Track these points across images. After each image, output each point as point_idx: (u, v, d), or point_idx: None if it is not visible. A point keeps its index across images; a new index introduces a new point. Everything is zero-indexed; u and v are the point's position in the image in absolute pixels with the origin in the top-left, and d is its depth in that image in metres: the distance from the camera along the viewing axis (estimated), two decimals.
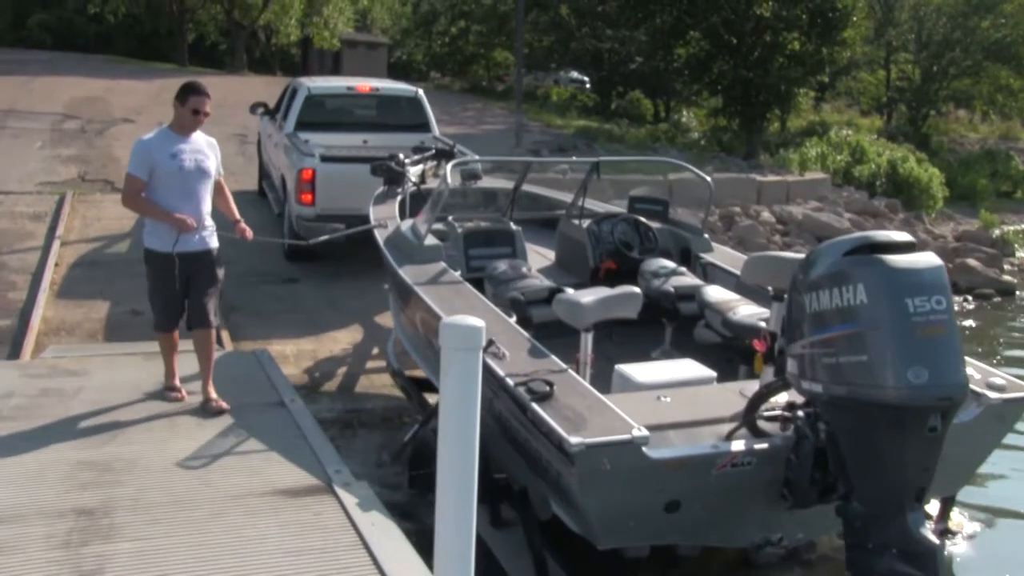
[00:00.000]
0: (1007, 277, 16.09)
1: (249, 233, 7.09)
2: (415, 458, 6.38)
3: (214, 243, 6.80)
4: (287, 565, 4.57)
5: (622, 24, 28.70)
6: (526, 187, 9.70)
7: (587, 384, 4.88)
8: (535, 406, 4.62)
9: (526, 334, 5.51)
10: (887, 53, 36.57)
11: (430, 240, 7.24)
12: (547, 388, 4.72)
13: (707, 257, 7.84)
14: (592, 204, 9.07)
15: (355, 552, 4.68)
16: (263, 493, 5.32)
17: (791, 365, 4.29)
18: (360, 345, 9.52)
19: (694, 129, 27.96)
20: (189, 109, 6.59)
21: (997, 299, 15.07)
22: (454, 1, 36.12)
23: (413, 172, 9.20)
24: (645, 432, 4.32)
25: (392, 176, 9.03)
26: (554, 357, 5.15)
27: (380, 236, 7.90)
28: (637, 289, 5.67)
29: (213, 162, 6.80)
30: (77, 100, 22.04)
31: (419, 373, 7.47)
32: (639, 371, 5.40)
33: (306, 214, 11.09)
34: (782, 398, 4.75)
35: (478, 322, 3.61)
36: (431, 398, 7.09)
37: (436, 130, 13.10)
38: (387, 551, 4.63)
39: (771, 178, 18.92)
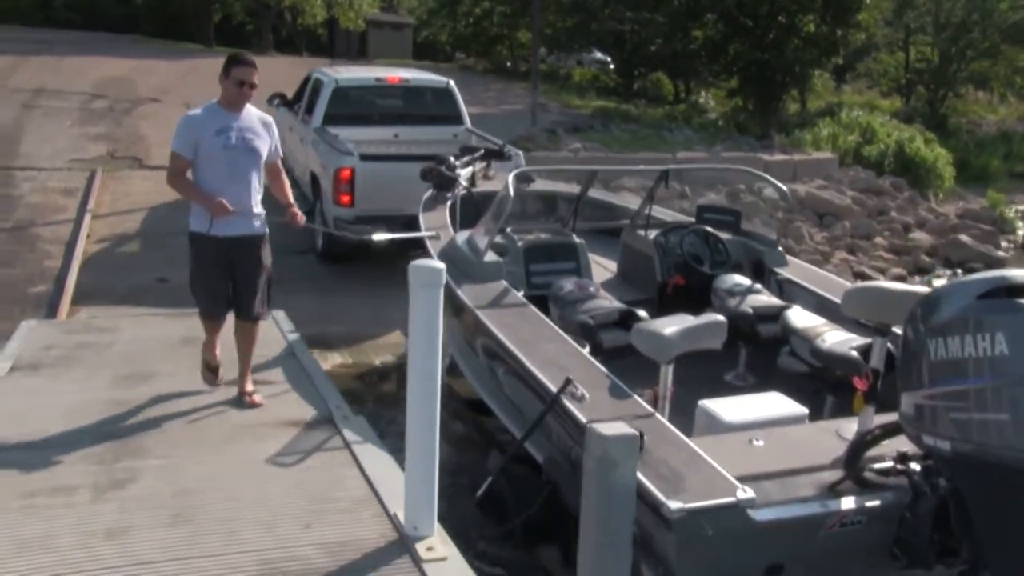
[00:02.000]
0: (1000, 253, 16.60)
1: (301, 218, 6.64)
2: (498, 512, 5.46)
3: (261, 228, 6.32)
4: (289, 477, 5.28)
5: (642, 6, 29.09)
6: (573, 189, 9.23)
7: (678, 432, 4.40)
8: None
9: (603, 369, 5.03)
10: (906, 35, 36.70)
11: (490, 256, 6.69)
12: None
13: (783, 272, 7.28)
14: (658, 212, 8.55)
15: (346, 467, 5.41)
16: (271, 424, 5.99)
17: (907, 414, 3.77)
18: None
19: (712, 110, 28.31)
20: (234, 81, 6.10)
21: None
22: None
23: (463, 175, 8.72)
24: (751, 494, 3.94)
25: (443, 181, 8.50)
26: (639, 399, 4.72)
27: (433, 248, 7.34)
28: (722, 318, 5.14)
29: (266, 142, 6.29)
30: (105, 80, 22.46)
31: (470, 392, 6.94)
32: (725, 408, 4.92)
33: (345, 215, 10.52)
34: (888, 445, 4.27)
35: (439, 264, 4.40)
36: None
37: (468, 122, 12.81)
38: (377, 470, 5.33)
39: (778, 157, 19.26)
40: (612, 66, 36.34)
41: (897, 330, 4.21)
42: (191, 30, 37.33)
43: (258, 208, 6.28)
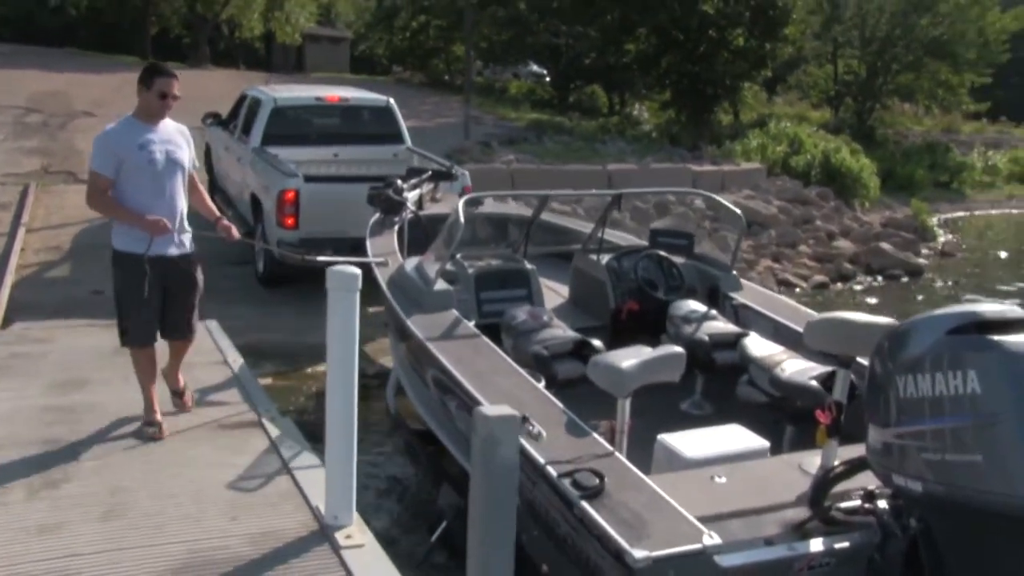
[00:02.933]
0: (921, 260, 17.30)
1: (235, 232, 6.40)
2: (455, 552, 5.41)
3: (192, 246, 6.16)
4: (218, 476, 5.51)
5: (576, 20, 29.55)
6: (522, 211, 9.03)
7: (638, 473, 4.24)
8: (584, 505, 3.99)
9: (560, 404, 4.87)
10: (834, 48, 37.48)
11: (440, 284, 6.50)
12: (596, 481, 4.06)
13: (738, 297, 7.20)
14: (610, 236, 8.35)
15: (273, 465, 5.71)
16: (203, 426, 6.22)
17: (875, 451, 3.66)
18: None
19: (646, 122, 28.78)
20: (155, 93, 5.82)
21: (905, 279, 16.21)
22: None
23: (410, 198, 8.56)
24: (717, 539, 3.82)
25: (390, 206, 8.33)
26: (597, 436, 4.56)
27: (381, 275, 7.17)
28: (680, 349, 4.95)
29: (187, 153, 6.07)
30: (39, 94, 22.38)
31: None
32: (685, 443, 4.78)
33: (289, 238, 10.21)
34: (854, 481, 4.16)
35: (355, 270, 4.66)
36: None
37: (408, 140, 12.69)
38: (301, 467, 5.65)
39: (707, 168, 19.74)
40: (548, 79, 36.75)
41: (862, 360, 4.21)
42: (128, 43, 36.88)
43: (187, 224, 6.09)
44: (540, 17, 31.74)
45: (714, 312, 6.80)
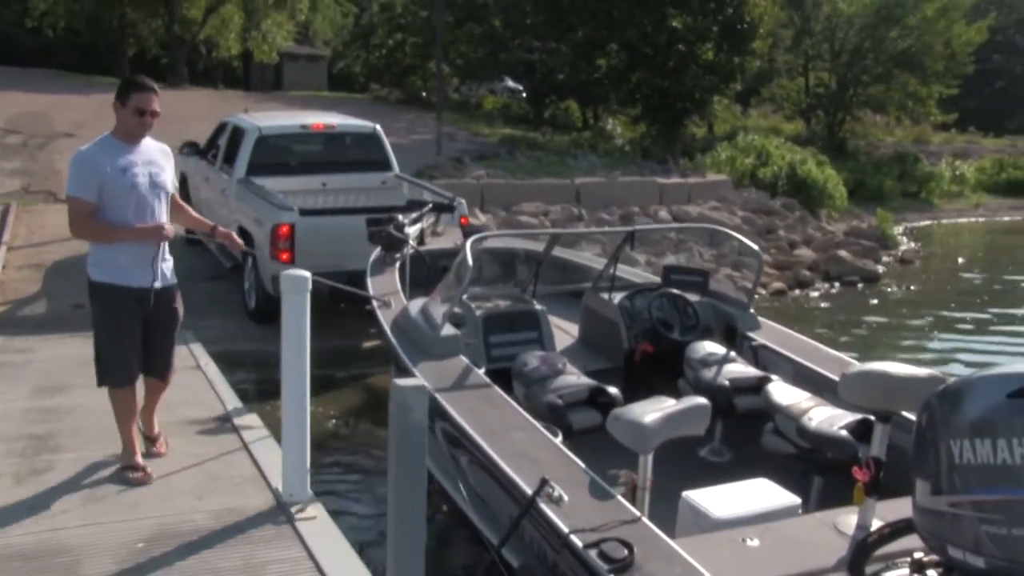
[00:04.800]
0: (879, 267, 17.93)
1: (239, 241, 6.25)
2: None
3: (174, 276, 5.85)
4: (188, 463, 6.03)
5: (548, 36, 30.11)
6: (530, 246, 8.83)
7: (668, 541, 3.95)
8: None
9: (580, 464, 4.58)
10: (805, 61, 38.31)
11: (447, 329, 6.19)
12: (625, 553, 3.79)
13: (756, 337, 6.88)
14: (621, 271, 8.06)
15: (238, 454, 6.24)
16: (176, 422, 6.67)
17: (926, 519, 3.34)
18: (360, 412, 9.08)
19: (619, 136, 29.32)
20: (133, 110, 5.38)
21: (860, 285, 16.82)
22: (391, 14, 37.16)
23: (411, 233, 8.28)
24: None
25: (392, 243, 8.04)
26: (621, 499, 4.27)
27: (384, 317, 6.87)
28: (705, 401, 4.73)
29: (170, 175, 5.69)
30: (18, 115, 22.57)
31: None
32: (711, 501, 4.48)
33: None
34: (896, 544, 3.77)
35: (305, 273, 5.15)
36: None
37: (396, 167, 12.50)
38: (263, 454, 6.16)
39: (674, 180, 20.24)
40: (524, 95, 37.30)
41: (908, 415, 4.09)
42: (106, 64, 37.27)
43: (168, 254, 5.77)
44: (514, 34, 32.27)
45: (733, 354, 6.55)
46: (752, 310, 7.21)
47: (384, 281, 7.66)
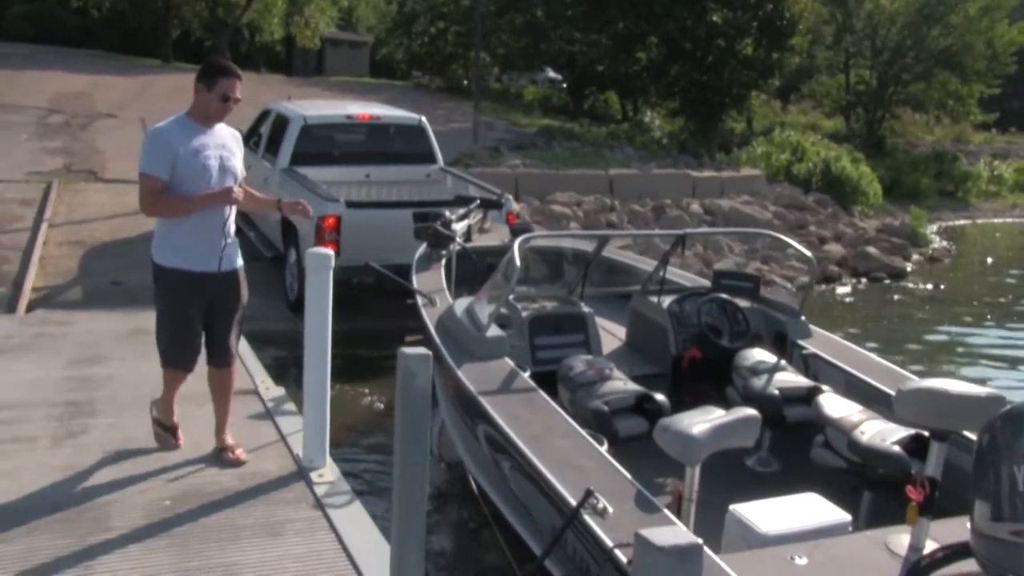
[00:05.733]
0: (908, 264, 18.04)
1: (308, 208, 6.02)
2: None
3: (240, 260, 5.73)
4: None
5: (589, 28, 30.25)
6: (579, 245, 8.73)
7: (720, 561, 3.81)
8: None
9: (624, 473, 4.45)
10: (846, 58, 38.31)
11: (493, 330, 6.05)
12: None
13: (807, 345, 6.68)
14: (668, 274, 7.82)
15: (264, 423, 6.58)
16: (205, 393, 6.84)
17: (985, 544, 3.20)
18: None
19: (658, 129, 29.44)
20: (218, 94, 5.38)
21: (887, 281, 16.95)
22: (433, 2, 37.38)
23: (458, 229, 8.12)
24: None
25: (439, 240, 7.86)
26: (668, 513, 4.15)
27: (428, 316, 6.70)
28: (755, 413, 4.62)
29: (239, 159, 5.64)
30: (61, 95, 22.88)
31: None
32: (759, 516, 4.34)
33: None
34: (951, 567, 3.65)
35: (328, 251, 5.47)
36: None
37: (441, 160, 12.45)
38: (286, 424, 6.49)
39: (707, 173, 20.34)
40: (564, 85, 37.41)
41: (969, 435, 4.00)
42: (149, 46, 37.63)
43: (234, 234, 5.70)
44: (555, 24, 32.41)
45: (784, 363, 6.37)
46: (803, 318, 6.96)
47: (429, 278, 7.54)
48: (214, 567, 4.61)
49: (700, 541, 2.92)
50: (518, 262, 5.97)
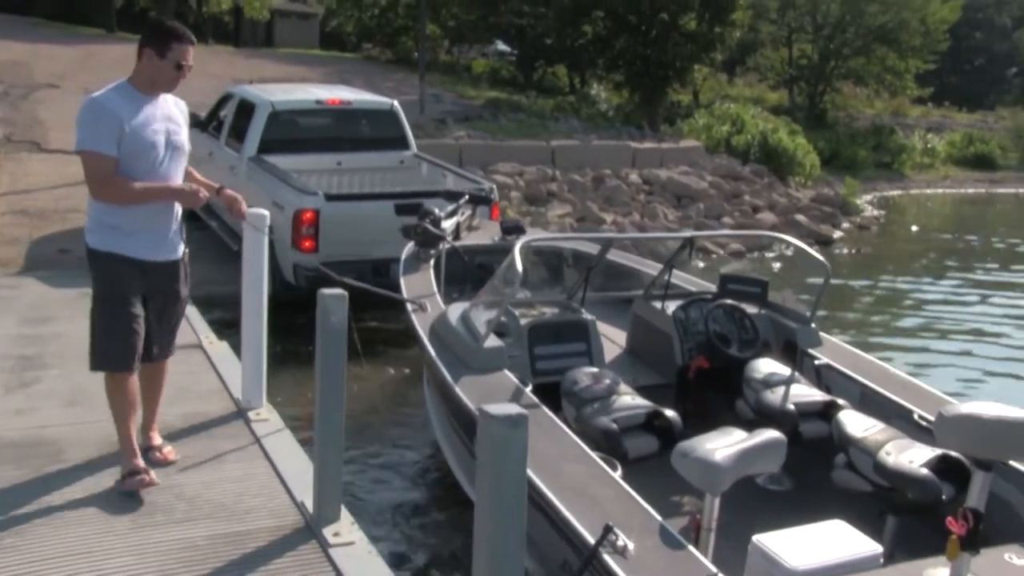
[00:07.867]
0: (836, 232, 18.89)
1: (244, 208, 5.38)
2: None
3: (184, 247, 5.17)
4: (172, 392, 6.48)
5: (537, 1, 30.68)
6: (580, 247, 8.41)
7: None
8: None
9: (643, 504, 4.13)
10: (788, 33, 39.04)
11: (491, 340, 5.63)
12: None
13: (819, 355, 6.33)
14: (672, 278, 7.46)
15: (207, 372, 7.08)
16: None
17: None
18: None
19: (604, 101, 29.91)
20: (172, 62, 4.75)
21: (815, 248, 17.44)
22: None
23: (447, 227, 7.83)
24: None
25: (428, 239, 7.58)
26: (693, 549, 3.84)
27: (420, 322, 6.30)
28: (781, 436, 4.35)
29: (186, 133, 5.04)
30: (0, 64, 22.31)
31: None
32: (785, 548, 3.90)
33: (306, 263, 9.14)
34: None
35: (264, 212, 6.05)
36: None
37: (414, 146, 11.98)
38: (228, 372, 6.98)
39: (646, 145, 20.89)
40: (514, 58, 37.72)
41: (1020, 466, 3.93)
42: (91, 14, 36.46)
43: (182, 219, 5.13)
44: None
45: (797, 375, 6.08)
46: (814, 325, 6.65)
47: (418, 280, 7.10)
48: (163, 489, 5.11)
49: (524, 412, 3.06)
50: (519, 267, 5.60)
